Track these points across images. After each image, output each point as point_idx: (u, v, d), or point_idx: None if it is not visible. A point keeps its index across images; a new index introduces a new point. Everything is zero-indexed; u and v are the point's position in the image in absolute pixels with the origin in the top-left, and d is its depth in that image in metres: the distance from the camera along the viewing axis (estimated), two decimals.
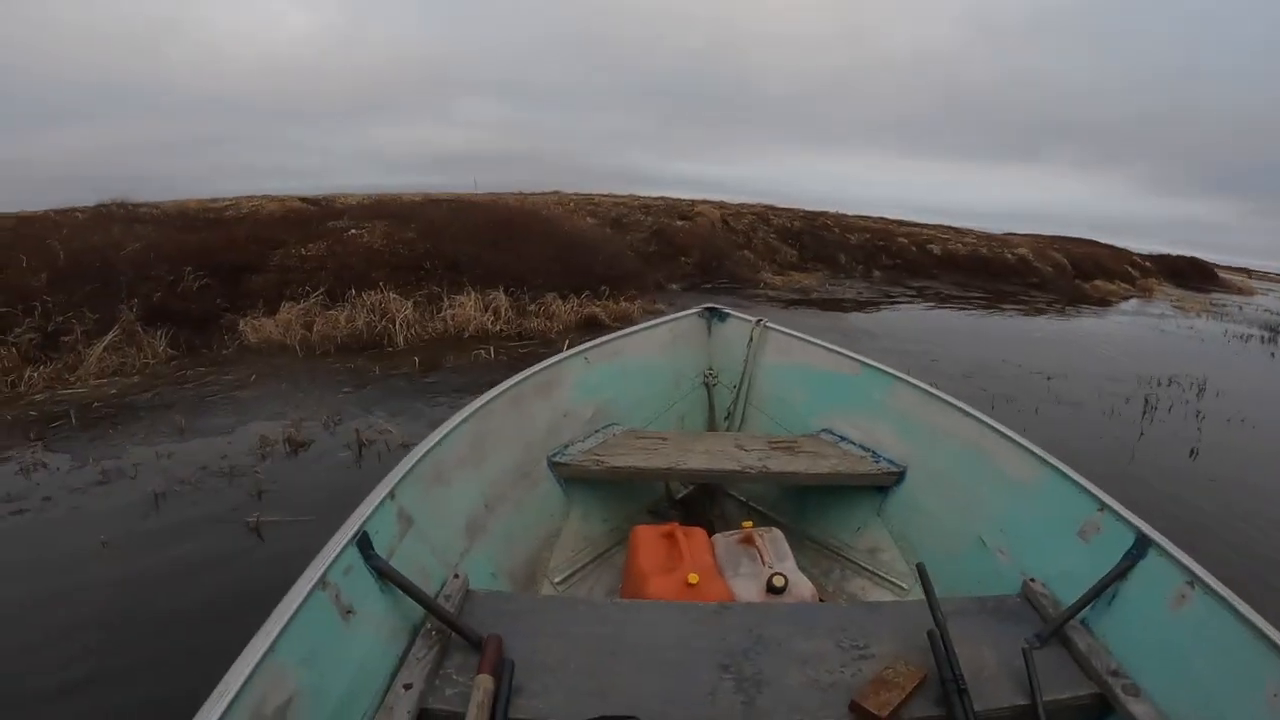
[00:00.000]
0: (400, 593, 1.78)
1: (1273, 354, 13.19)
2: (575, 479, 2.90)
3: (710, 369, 3.88)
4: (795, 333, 3.72)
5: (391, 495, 1.96)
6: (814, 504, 3.17)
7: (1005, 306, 16.14)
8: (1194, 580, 1.81)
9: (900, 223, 25.35)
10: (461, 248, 10.00)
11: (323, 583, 1.57)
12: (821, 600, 2.44)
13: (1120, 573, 1.98)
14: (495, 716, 1.50)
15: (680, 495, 3.43)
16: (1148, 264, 29.85)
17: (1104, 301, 20.16)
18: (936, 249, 21.71)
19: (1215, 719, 1.60)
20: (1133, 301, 21.66)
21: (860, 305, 13.81)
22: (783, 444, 3.17)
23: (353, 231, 10.40)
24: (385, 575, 1.76)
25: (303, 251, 9.61)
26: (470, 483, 2.42)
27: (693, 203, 20.40)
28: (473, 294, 8.95)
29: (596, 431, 3.17)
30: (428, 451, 2.20)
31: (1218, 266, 37.84)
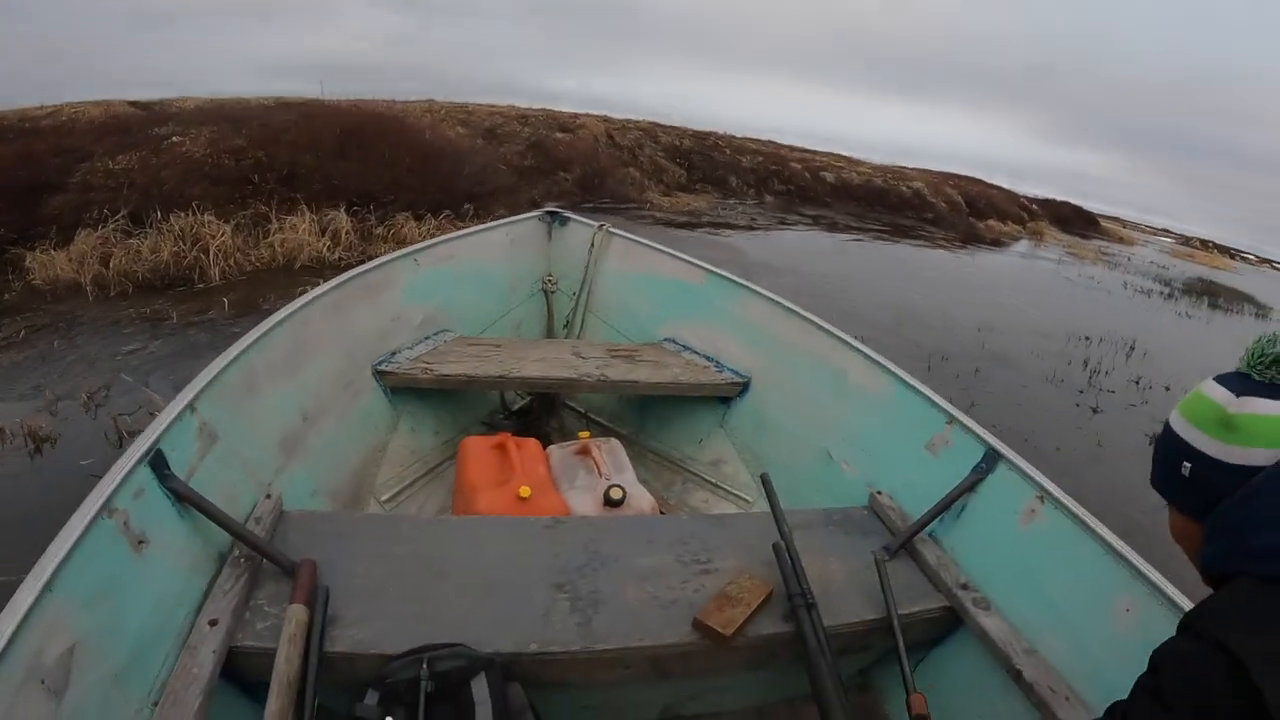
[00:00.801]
0: (203, 517, 1.58)
1: (1181, 313, 13.25)
2: (403, 389, 2.74)
3: (550, 275, 3.73)
4: (639, 239, 3.59)
5: (192, 408, 1.74)
6: (656, 415, 3.13)
7: (904, 240, 15.77)
8: (1044, 495, 1.81)
9: (793, 148, 24.67)
10: (300, 157, 8.51)
11: (108, 509, 1.38)
12: (662, 513, 2.39)
13: (969, 486, 1.97)
14: (309, 649, 1.39)
15: (517, 406, 3.35)
16: (1035, 207, 30.09)
17: (998, 242, 20.22)
18: (830, 177, 21.08)
19: (1065, 633, 1.62)
20: (1026, 244, 21.89)
21: (755, 233, 12.98)
22: (623, 352, 3.10)
23: (174, 139, 8.72)
24: (184, 498, 1.57)
25: (109, 165, 7.77)
26: (286, 393, 2.20)
27: (575, 115, 18.87)
28: (308, 214, 7.50)
29: (426, 338, 3.00)
30: (236, 358, 1.96)
31: (1099, 216, 39.05)
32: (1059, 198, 34.64)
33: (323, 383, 2.41)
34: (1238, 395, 0.98)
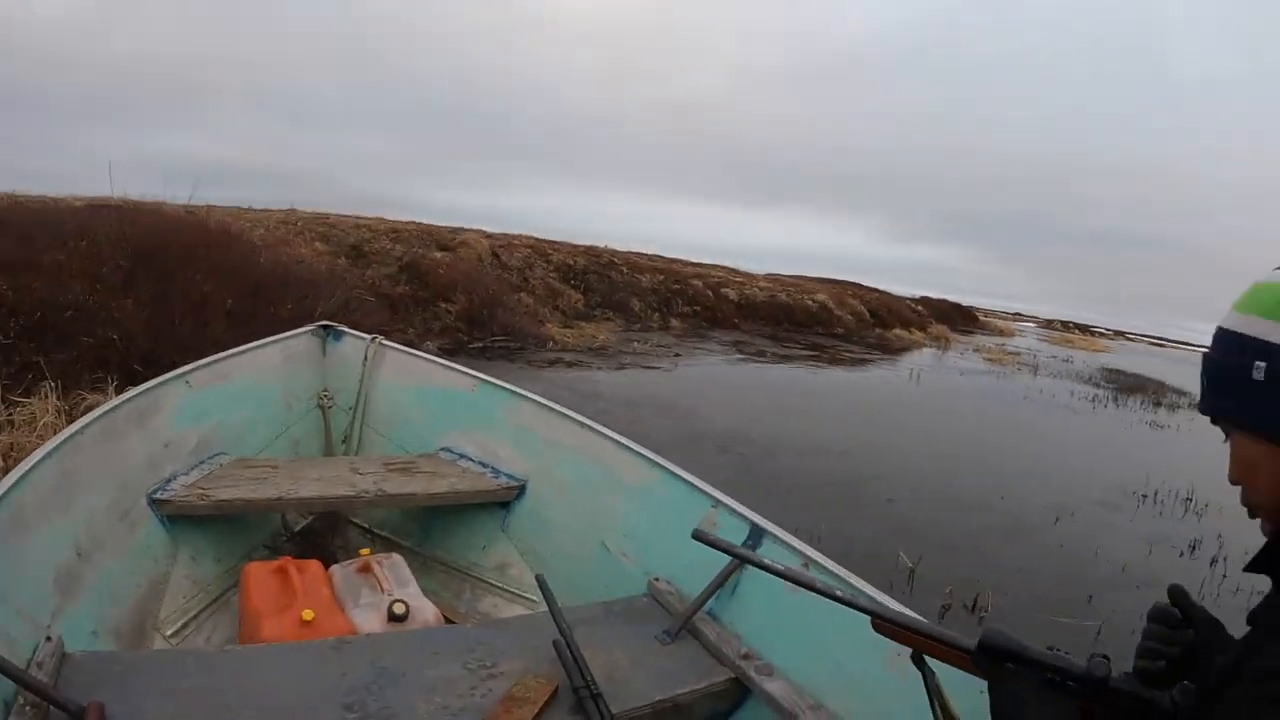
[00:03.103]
0: None
1: (1150, 423, 12.84)
2: (180, 517, 2.61)
3: (326, 390, 3.63)
4: (411, 350, 3.65)
5: None
6: (439, 525, 3.11)
7: (833, 366, 14.87)
8: (808, 561, 1.92)
9: (685, 263, 23.36)
10: (63, 293, 5.76)
11: None
12: (451, 622, 2.44)
13: (739, 564, 2.02)
14: None
15: (299, 527, 3.22)
16: (920, 308, 30.50)
17: (903, 350, 20.06)
18: (733, 294, 19.58)
19: (847, 685, 1.73)
20: (937, 351, 21.78)
21: (680, 377, 10.77)
22: (399, 465, 3.09)
23: None
24: None
25: None
26: (58, 530, 2.07)
27: (454, 231, 16.33)
28: (51, 397, 4.65)
29: (202, 462, 2.86)
30: (1, 497, 1.82)
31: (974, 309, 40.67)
32: (911, 292, 35.71)
33: (96, 515, 2.26)
34: None
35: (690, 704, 1.74)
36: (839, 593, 1.37)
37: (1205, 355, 0.89)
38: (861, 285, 29.59)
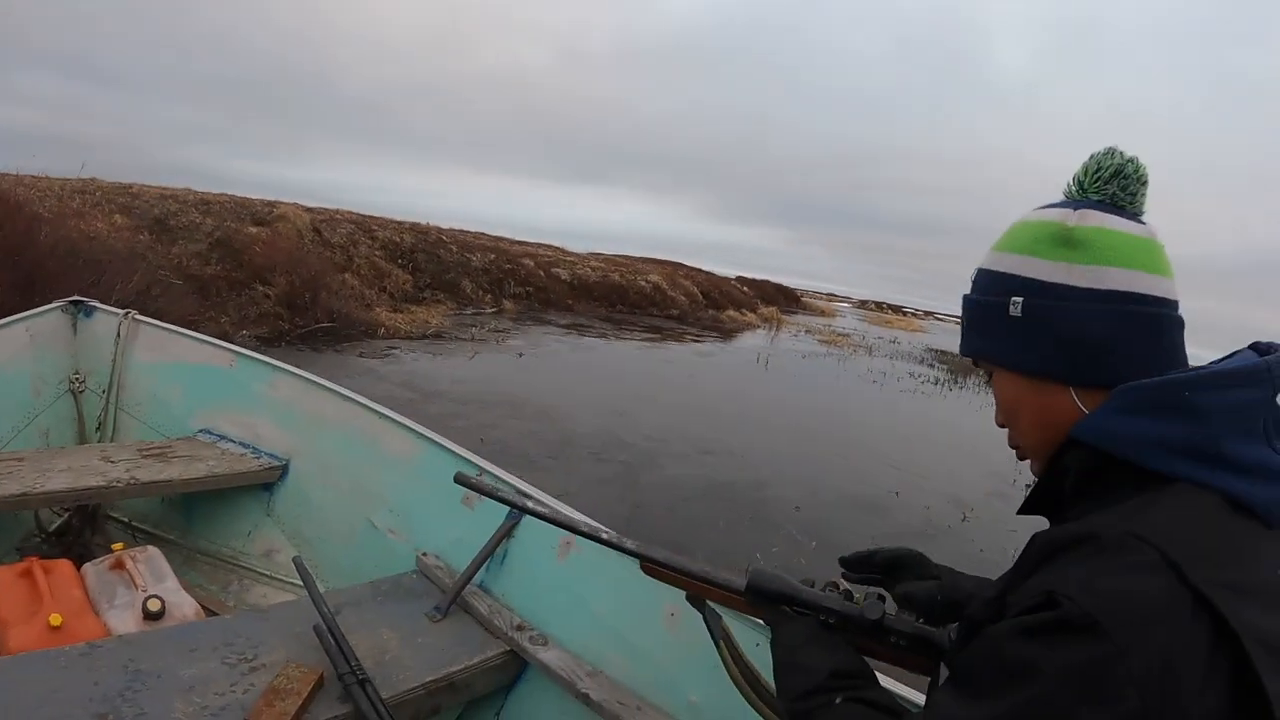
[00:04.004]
0: None
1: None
2: None
3: (77, 373, 3.37)
4: (165, 326, 3.40)
5: None
6: (201, 513, 2.98)
7: (678, 350, 14.78)
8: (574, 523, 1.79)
9: (511, 241, 22.99)
10: None
11: None
12: (215, 614, 2.35)
13: (506, 532, 2.05)
14: None
15: (54, 526, 2.95)
16: (747, 290, 30.88)
17: (738, 331, 20.38)
18: (565, 274, 19.45)
19: (624, 649, 1.74)
20: (770, 332, 22.22)
21: (527, 368, 10.26)
22: (155, 450, 2.89)
23: None
24: None
25: None
26: None
27: (271, 203, 15.06)
28: None
29: None
30: None
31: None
32: (732, 271, 36.51)
33: None
34: (1075, 210, 0.79)
35: (466, 681, 1.73)
36: (605, 535, 1.34)
37: (964, 296, 0.87)
38: (687, 266, 29.89)
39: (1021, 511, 0.85)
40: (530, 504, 1.52)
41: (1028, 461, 0.86)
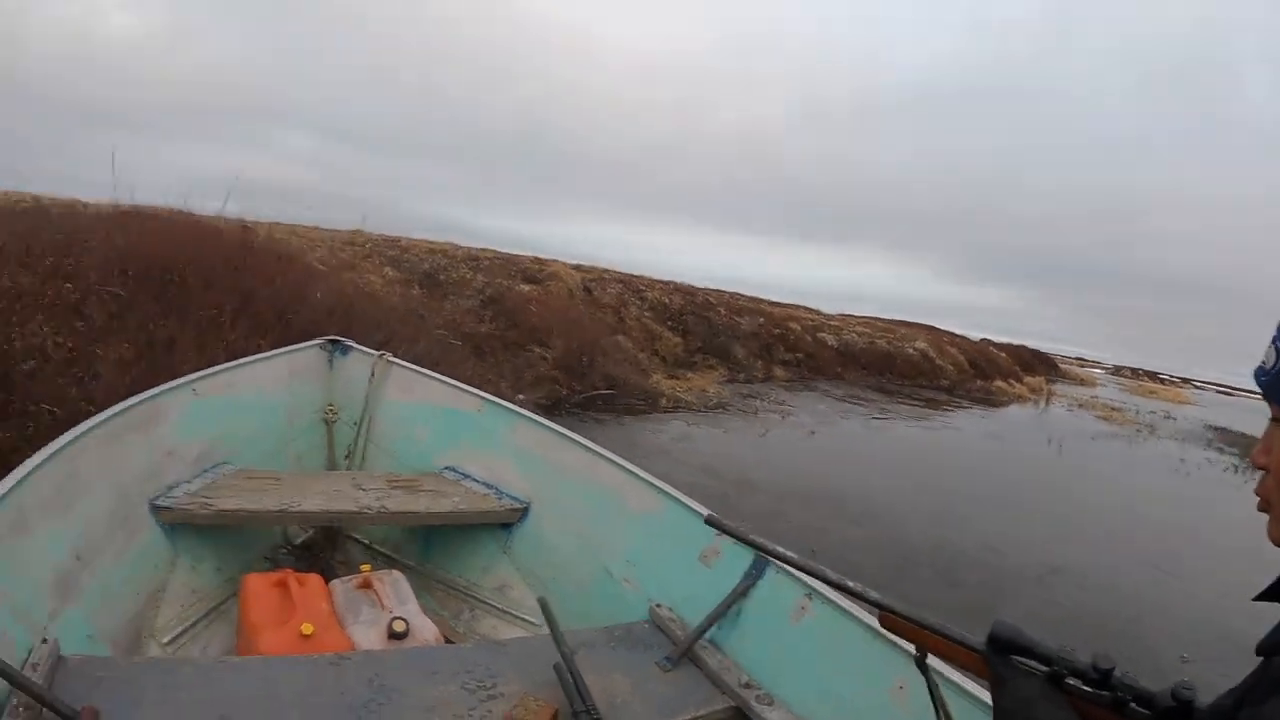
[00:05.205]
0: None
1: None
2: (181, 525, 2.57)
3: (331, 405, 3.58)
4: (418, 368, 3.56)
5: None
6: (439, 544, 3.06)
7: (960, 422, 13.73)
8: (811, 593, 1.90)
9: (769, 302, 21.64)
10: (32, 339, 4.24)
11: None
12: (451, 642, 2.40)
13: (742, 591, 2.06)
14: None
15: (299, 540, 3.16)
16: (1005, 355, 28.37)
17: (1008, 404, 19.03)
18: (832, 340, 17.75)
19: (847, 716, 1.72)
20: (1041, 406, 20.54)
21: (824, 449, 9.13)
22: (403, 483, 3.03)
23: None
24: None
25: None
26: (57, 532, 2.06)
27: (541, 261, 14.66)
28: None
29: (205, 471, 2.83)
30: (3, 496, 1.82)
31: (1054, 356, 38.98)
32: (975, 334, 33.68)
33: (96, 520, 2.25)
34: None
35: None
36: (851, 584, 1.26)
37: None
38: (946, 331, 28.10)
39: (1259, 598, 0.78)
40: (780, 550, 1.51)
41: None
